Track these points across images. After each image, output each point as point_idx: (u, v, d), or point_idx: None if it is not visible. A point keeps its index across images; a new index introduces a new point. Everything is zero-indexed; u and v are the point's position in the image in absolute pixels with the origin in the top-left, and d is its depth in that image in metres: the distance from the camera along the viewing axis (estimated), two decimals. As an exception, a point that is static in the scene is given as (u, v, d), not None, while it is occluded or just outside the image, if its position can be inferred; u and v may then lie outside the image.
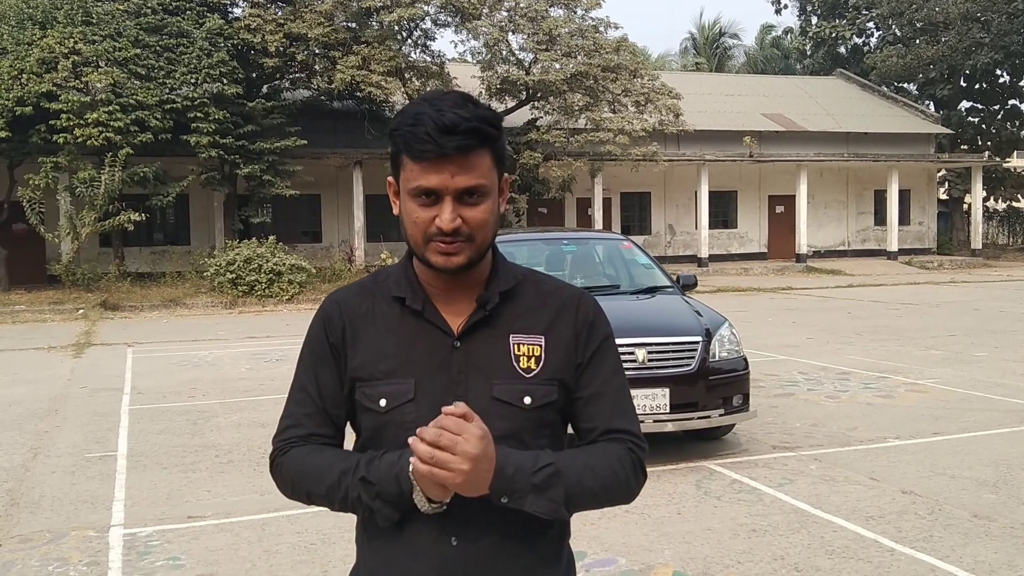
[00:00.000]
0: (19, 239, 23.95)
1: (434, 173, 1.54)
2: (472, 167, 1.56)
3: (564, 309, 1.71)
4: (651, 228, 33.14)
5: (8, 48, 21.66)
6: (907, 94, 41.31)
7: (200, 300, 21.41)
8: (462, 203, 1.56)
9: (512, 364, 1.64)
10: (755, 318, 17.20)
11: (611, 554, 4.86)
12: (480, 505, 1.55)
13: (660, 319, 7.15)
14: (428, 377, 1.62)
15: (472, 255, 1.60)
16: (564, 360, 1.68)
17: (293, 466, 1.67)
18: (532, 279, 1.75)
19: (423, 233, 1.58)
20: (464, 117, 1.54)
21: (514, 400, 1.63)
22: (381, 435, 1.64)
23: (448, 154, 1.53)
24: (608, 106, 26.64)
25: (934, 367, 11.03)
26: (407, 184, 1.58)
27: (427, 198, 1.56)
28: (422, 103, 1.58)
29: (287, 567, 4.75)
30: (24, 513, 5.79)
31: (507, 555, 1.62)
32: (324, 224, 29.42)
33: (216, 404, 9.37)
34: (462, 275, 1.64)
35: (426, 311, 1.65)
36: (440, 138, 1.52)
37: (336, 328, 1.69)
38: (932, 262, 32.92)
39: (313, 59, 25.16)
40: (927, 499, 5.79)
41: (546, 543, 1.68)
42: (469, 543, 1.60)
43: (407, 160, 1.57)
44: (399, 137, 1.58)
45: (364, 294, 1.72)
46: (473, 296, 1.67)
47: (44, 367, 12.24)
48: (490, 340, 1.65)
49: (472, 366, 1.63)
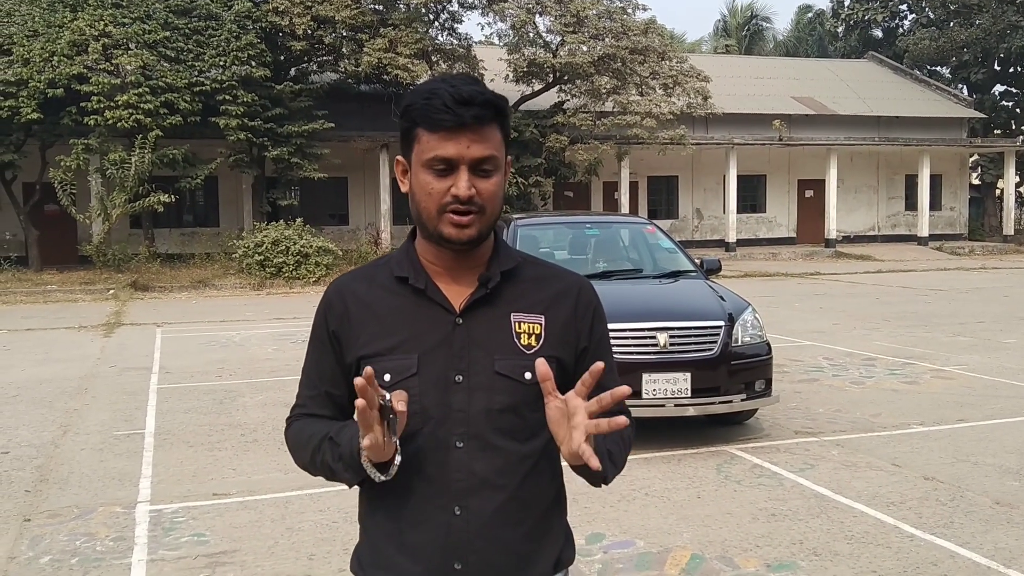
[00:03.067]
0: (51, 220, 24.29)
1: (451, 142, 1.59)
2: (486, 139, 1.62)
3: (565, 292, 1.77)
4: (678, 212, 32.97)
5: (40, 31, 21.88)
6: (940, 78, 40.71)
7: (228, 281, 21.60)
8: (475, 174, 1.62)
9: (513, 341, 1.69)
10: (782, 303, 17.11)
11: (630, 536, 4.88)
12: (482, 472, 1.64)
13: (682, 303, 7.13)
14: (431, 353, 1.67)
15: (482, 228, 1.65)
16: (562, 339, 1.73)
17: (292, 439, 1.78)
18: (531, 261, 1.82)
19: (438, 204, 1.63)
20: (479, 91, 1.61)
21: (515, 375, 1.68)
22: None
23: (466, 123, 1.59)
24: (636, 89, 26.48)
25: (961, 353, 10.93)
26: (422, 156, 1.63)
27: (442, 168, 1.62)
28: (434, 81, 1.65)
29: (309, 544, 4.82)
30: (53, 489, 5.90)
31: (509, 524, 1.67)
32: (351, 207, 29.55)
33: (242, 384, 9.47)
34: (466, 253, 1.70)
35: (428, 289, 1.71)
36: (458, 108, 1.58)
37: (336, 314, 1.75)
38: (963, 248, 32.52)
39: (340, 42, 25.21)
40: (949, 485, 5.76)
41: (546, 513, 1.74)
42: (472, 513, 1.65)
43: (422, 132, 1.62)
44: (415, 110, 1.63)
45: (366, 278, 1.79)
46: (474, 276, 1.72)
47: (75, 346, 12.42)
48: (491, 318, 1.70)
49: (474, 342, 1.68)
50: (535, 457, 1.70)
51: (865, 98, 34.72)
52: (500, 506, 1.66)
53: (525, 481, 1.69)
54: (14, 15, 22.32)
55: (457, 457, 1.64)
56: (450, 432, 1.65)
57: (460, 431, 1.65)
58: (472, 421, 1.65)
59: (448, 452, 1.65)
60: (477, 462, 1.64)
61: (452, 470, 1.64)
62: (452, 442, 1.65)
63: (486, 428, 1.66)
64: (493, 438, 1.66)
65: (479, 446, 1.65)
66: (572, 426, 1.52)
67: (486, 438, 1.65)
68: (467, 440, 1.65)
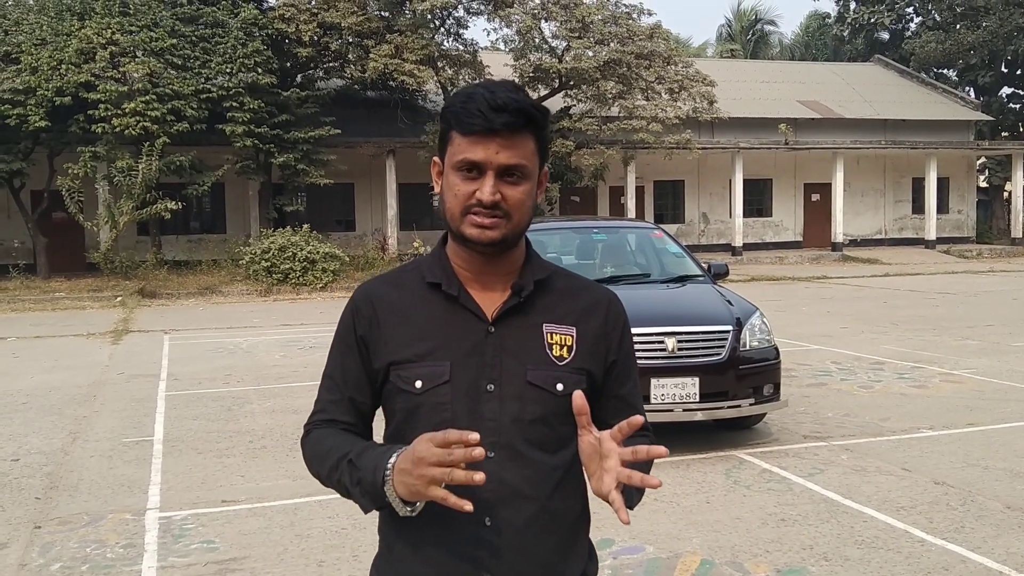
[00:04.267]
0: (59, 227, 24.37)
1: (480, 146, 1.60)
2: (516, 146, 1.62)
3: (595, 305, 1.77)
4: (685, 216, 32.96)
5: (47, 39, 21.98)
6: (947, 80, 40.67)
7: (235, 288, 21.66)
8: (503, 180, 1.62)
9: (545, 352, 1.68)
10: (789, 307, 17.09)
11: (639, 542, 4.87)
12: (513, 482, 1.62)
13: (690, 308, 7.13)
14: (462, 360, 1.66)
15: (507, 233, 1.64)
16: (592, 352, 1.73)
17: (310, 447, 1.75)
18: (563, 274, 1.81)
19: (462, 205, 1.63)
20: (515, 99, 1.61)
21: (547, 386, 1.67)
22: (415, 417, 1.66)
23: (496, 129, 1.59)
24: (641, 94, 26.49)
25: (970, 357, 10.90)
26: (453, 157, 1.63)
27: (470, 172, 1.62)
28: (476, 86, 1.65)
29: (319, 551, 4.82)
30: (63, 496, 5.91)
31: (539, 536, 1.65)
32: (357, 212, 29.60)
33: (250, 390, 9.49)
34: (496, 259, 1.69)
35: (461, 296, 1.69)
36: (490, 113, 1.59)
37: (364, 317, 1.72)
38: (971, 251, 32.45)
39: (346, 48, 25.29)
40: (959, 490, 5.74)
41: (573, 525, 1.73)
42: (502, 523, 1.62)
43: (455, 135, 1.63)
44: (450, 113, 1.64)
45: (396, 283, 1.76)
46: (506, 284, 1.71)
47: (83, 353, 12.46)
48: (523, 327, 1.69)
49: (506, 351, 1.67)
50: (563, 469, 1.68)
51: (871, 101, 34.68)
52: (530, 517, 1.64)
53: (555, 492, 1.67)
54: (22, 24, 22.43)
55: (487, 467, 1.56)
56: (482, 441, 1.56)
57: (491, 440, 1.61)
58: (503, 431, 1.63)
59: (479, 461, 1.58)
60: (507, 472, 1.62)
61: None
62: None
63: (517, 438, 1.64)
64: (523, 448, 1.64)
65: (509, 456, 1.63)
66: (604, 468, 1.53)
67: (516, 448, 1.64)
68: (497, 450, 1.62)
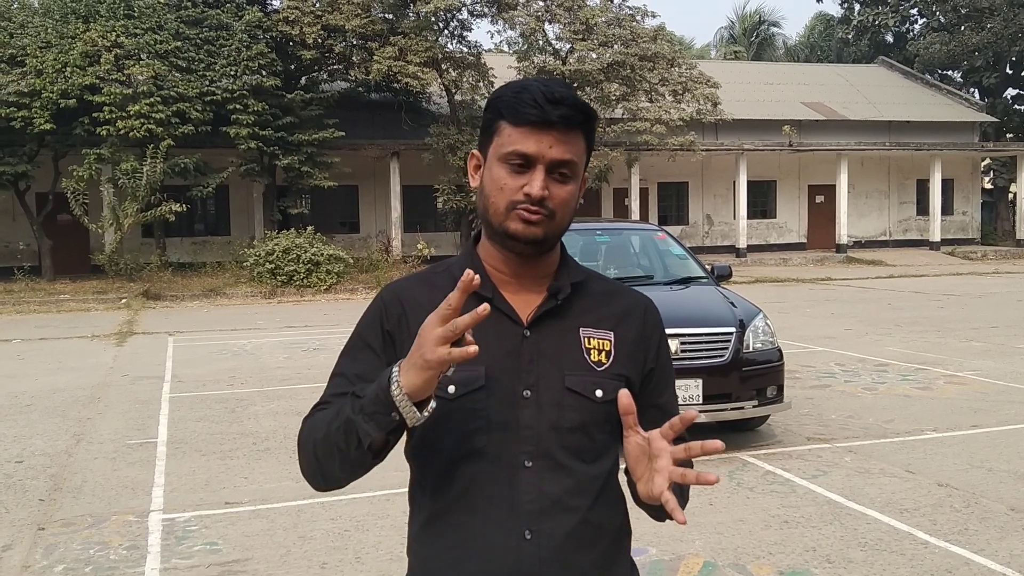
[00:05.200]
0: (64, 230, 24.43)
1: (533, 139, 1.54)
2: (570, 142, 1.56)
3: (632, 310, 1.71)
4: (689, 218, 32.95)
5: (52, 42, 22.03)
6: (951, 82, 40.60)
7: (240, 290, 21.68)
8: (551, 177, 1.55)
9: (583, 356, 1.62)
10: (793, 309, 17.07)
11: (642, 544, 4.86)
12: (554, 493, 1.55)
13: (693, 310, 7.12)
14: (498, 365, 1.58)
15: (550, 232, 1.57)
16: (630, 358, 1.67)
17: (306, 428, 1.60)
18: (597, 277, 1.75)
19: (508, 200, 1.56)
20: (571, 94, 1.56)
21: (586, 392, 1.60)
22: (447, 423, 1.56)
23: (552, 121, 1.53)
24: (645, 95, 26.50)
25: (974, 359, 10.88)
26: (501, 149, 1.56)
27: (520, 165, 1.55)
28: (528, 80, 1.59)
29: (321, 552, 4.82)
30: (67, 498, 5.92)
31: (582, 549, 1.58)
32: (362, 214, 29.63)
33: (254, 392, 9.50)
34: (532, 260, 1.62)
35: (495, 299, 1.61)
36: (546, 105, 1.53)
37: (393, 316, 1.64)
38: (976, 252, 32.41)
39: (350, 50, 25.31)
40: (963, 492, 5.73)
41: (615, 538, 1.66)
42: (544, 536, 1.54)
43: (505, 126, 1.56)
44: (502, 103, 1.57)
45: (426, 283, 1.68)
46: (541, 286, 1.64)
47: (87, 355, 12.48)
48: (560, 331, 1.63)
49: (543, 356, 1.60)
50: (603, 479, 1.62)
51: (875, 103, 34.65)
52: (572, 529, 1.56)
53: (595, 504, 1.60)
54: (27, 27, 22.48)
55: (527, 477, 1.54)
56: (519, 450, 1.55)
57: (528, 449, 1.55)
58: (542, 439, 1.55)
59: (517, 471, 1.55)
60: (547, 482, 1.54)
61: (522, 491, 1.53)
62: (521, 461, 1.55)
63: (555, 446, 1.56)
64: (562, 457, 1.57)
65: (549, 465, 1.55)
66: (655, 469, 1.46)
67: (555, 457, 1.56)
68: (536, 459, 1.55)
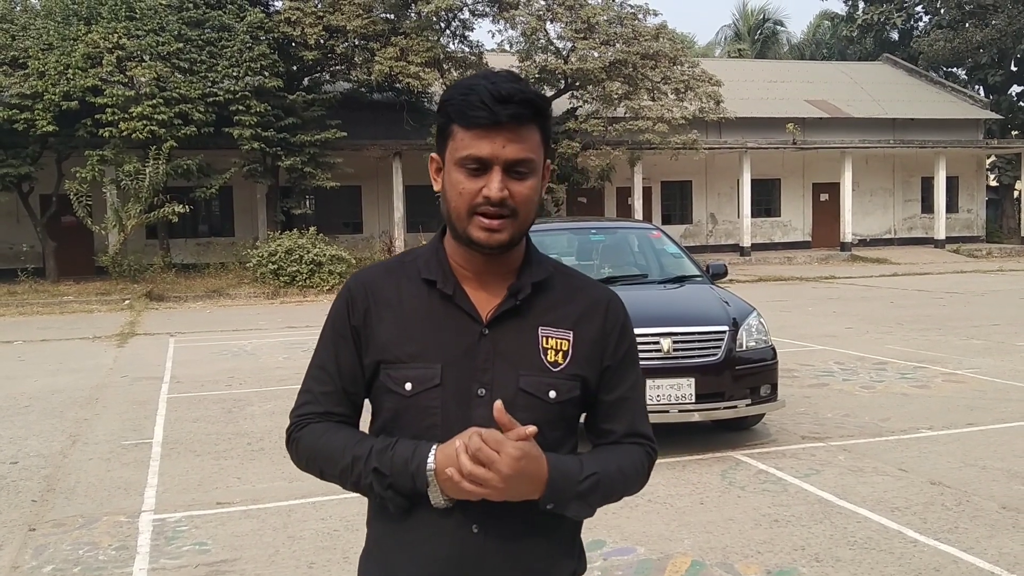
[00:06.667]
0: (67, 231, 24.52)
1: (486, 141, 1.53)
2: (523, 139, 1.55)
3: (594, 307, 1.70)
4: (692, 217, 32.91)
5: (54, 44, 22.10)
6: (956, 79, 40.48)
7: (243, 291, 21.73)
8: (509, 176, 1.55)
9: (540, 357, 1.63)
10: (795, 307, 17.04)
11: (630, 543, 4.87)
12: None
13: (686, 308, 7.11)
14: (454, 363, 1.60)
15: (514, 233, 1.58)
16: (589, 357, 1.67)
17: (308, 443, 1.67)
18: (563, 272, 1.74)
19: (468, 205, 1.56)
20: (519, 89, 1.54)
21: (539, 393, 1.61)
22: (403, 418, 1.62)
23: (502, 121, 1.52)
24: (647, 94, 26.45)
25: (974, 357, 10.84)
26: (455, 154, 1.56)
27: (476, 168, 1.55)
28: (475, 78, 1.58)
29: (310, 552, 4.82)
30: (59, 499, 5.94)
31: (526, 544, 1.62)
32: (364, 215, 29.66)
33: (252, 392, 9.51)
34: (497, 259, 1.63)
35: (456, 296, 1.63)
36: (495, 106, 1.52)
37: (359, 309, 1.67)
38: (980, 250, 32.30)
39: (352, 51, 25.35)
40: (955, 490, 5.71)
41: (563, 533, 1.69)
42: (490, 531, 1.59)
43: (457, 129, 1.56)
44: (451, 106, 1.57)
45: (390, 275, 1.70)
46: (504, 283, 1.64)
47: (88, 356, 12.51)
48: (518, 330, 1.63)
49: (499, 355, 1.61)
50: None
51: (880, 100, 34.55)
52: (520, 525, 1.61)
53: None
54: (29, 29, 22.56)
55: None
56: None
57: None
58: None
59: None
60: None
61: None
62: None
63: None
64: None
65: None
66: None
67: None
68: None
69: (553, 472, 1.54)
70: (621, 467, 1.67)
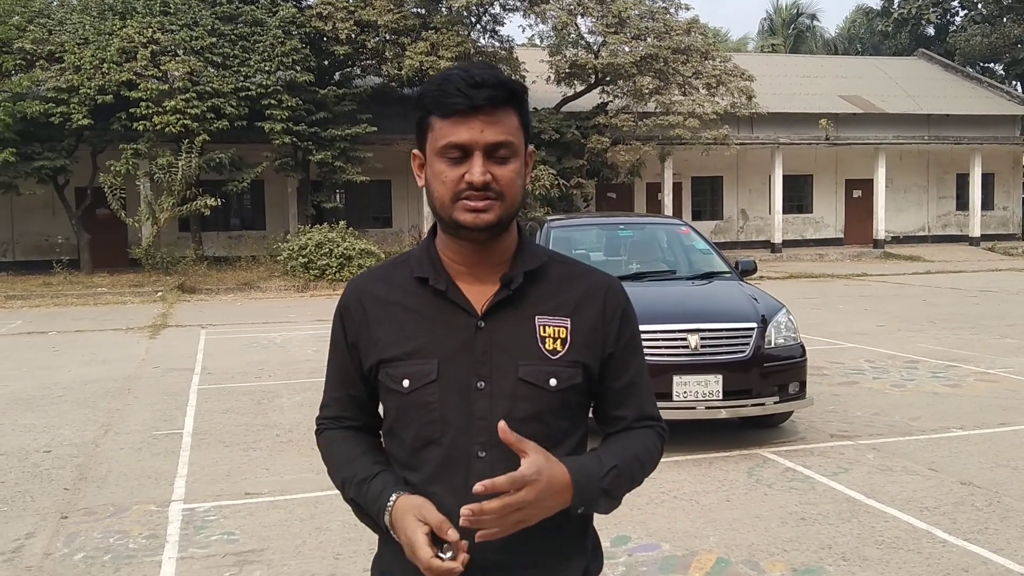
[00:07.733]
0: (102, 224, 24.82)
1: (464, 127, 1.54)
2: (501, 122, 1.56)
3: (592, 294, 1.69)
4: (723, 213, 32.70)
5: (90, 38, 22.38)
6: (993, 75, 39.88)
7: (273, 284, 21.89)
8: (491, 160, 1.56)
9: (538, 345, 1.62)
10: (826, 305, 16.90)
11: (655, 539, 4.86)
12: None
13: (714, 305, 7.07)
14: (451, 358, 1.61)
15: (502, 214, 1.58)
16: (588, 344, 1.66)
17: (322, 451, 1.80)
18: (558, 260, 1.73)
19: (452, 192, 1.56)
20: (493, 74, 1.56)
21: (540, 382, 1.61)
22: (405, 416, 1.64)
23: (478, 105, 1.53)
24: (678, 89, 26.32)
25: (1007, 356, 10.69)
26: (436, 144, 1.57)
27: (457, 156, 1.56)
28: (450, 69, 1.60)
29: (336, 544, 4.86)
30: (91, 487, 6.03)
31: (535, 539, 1.59)
32: (394, 209, 29.75)
33: (281, 385, 9.59)
34: (488, 247, 1.63)
35: (449, 291, 1.63)
36: (469, 91, 1.53)
37: (354, 319, 1.70)
38: (1016, 248, 31.82)
39: (383, 46, 25.40)
40: (986, 491, 5.64)
41: (570, 529, 1.66)
42: None
43: (435, 120, 1.57)
44: (427, 98, 1.58)
45: (384, 278, 1.72)
46: (498, 274, 1.64)
47: (121, 347, 12.68)
48: (515, 320, 1.63)
49: (497, 346, 1.61)
50: None
51: (914, 96, 34.13)
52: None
53: None
54: (65, 23, 22.87)
55: (480, 468, 1.56)
56: (472, 441, 1.58)
57: (482, 440, 1.57)
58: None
59: (471, 462, 1.58)
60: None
61: (474, 481, 1.50)
62: (474, 452, 1.58)
63: None
64: None
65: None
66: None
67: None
68: (490, 449, 1.57)
69: (576, 475, 1.54)
70: (637, 454, 1.68)
